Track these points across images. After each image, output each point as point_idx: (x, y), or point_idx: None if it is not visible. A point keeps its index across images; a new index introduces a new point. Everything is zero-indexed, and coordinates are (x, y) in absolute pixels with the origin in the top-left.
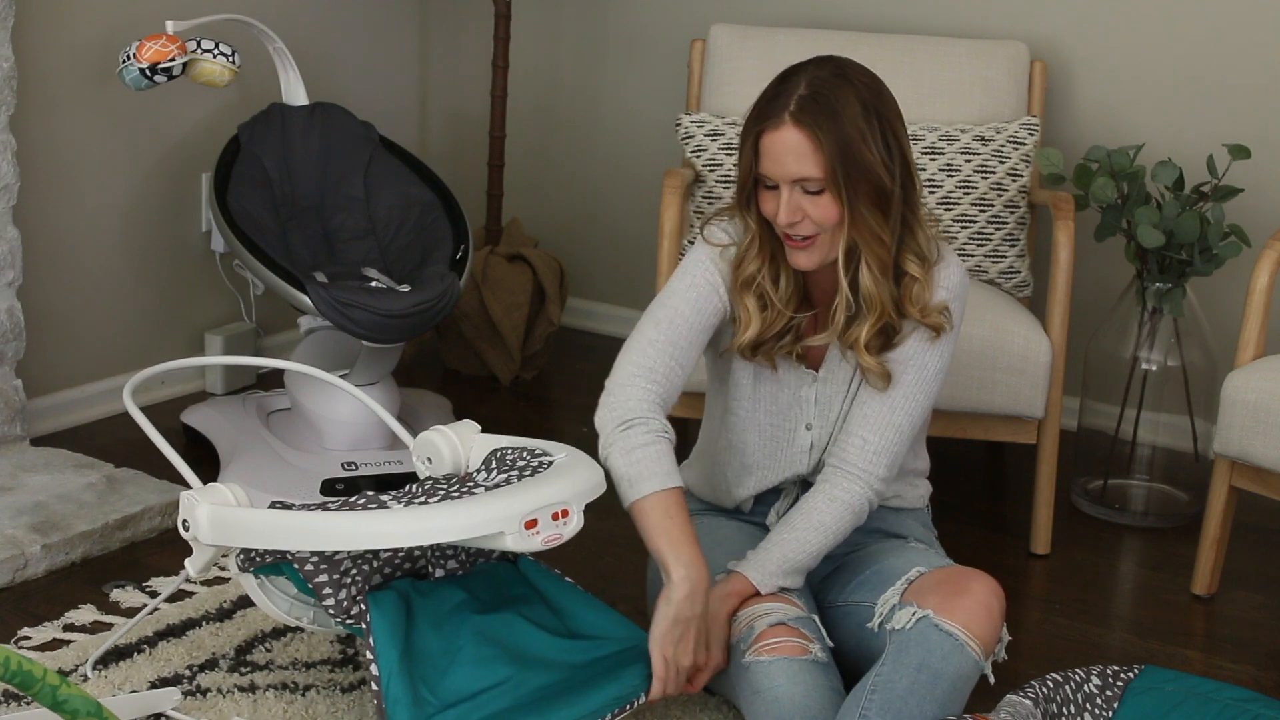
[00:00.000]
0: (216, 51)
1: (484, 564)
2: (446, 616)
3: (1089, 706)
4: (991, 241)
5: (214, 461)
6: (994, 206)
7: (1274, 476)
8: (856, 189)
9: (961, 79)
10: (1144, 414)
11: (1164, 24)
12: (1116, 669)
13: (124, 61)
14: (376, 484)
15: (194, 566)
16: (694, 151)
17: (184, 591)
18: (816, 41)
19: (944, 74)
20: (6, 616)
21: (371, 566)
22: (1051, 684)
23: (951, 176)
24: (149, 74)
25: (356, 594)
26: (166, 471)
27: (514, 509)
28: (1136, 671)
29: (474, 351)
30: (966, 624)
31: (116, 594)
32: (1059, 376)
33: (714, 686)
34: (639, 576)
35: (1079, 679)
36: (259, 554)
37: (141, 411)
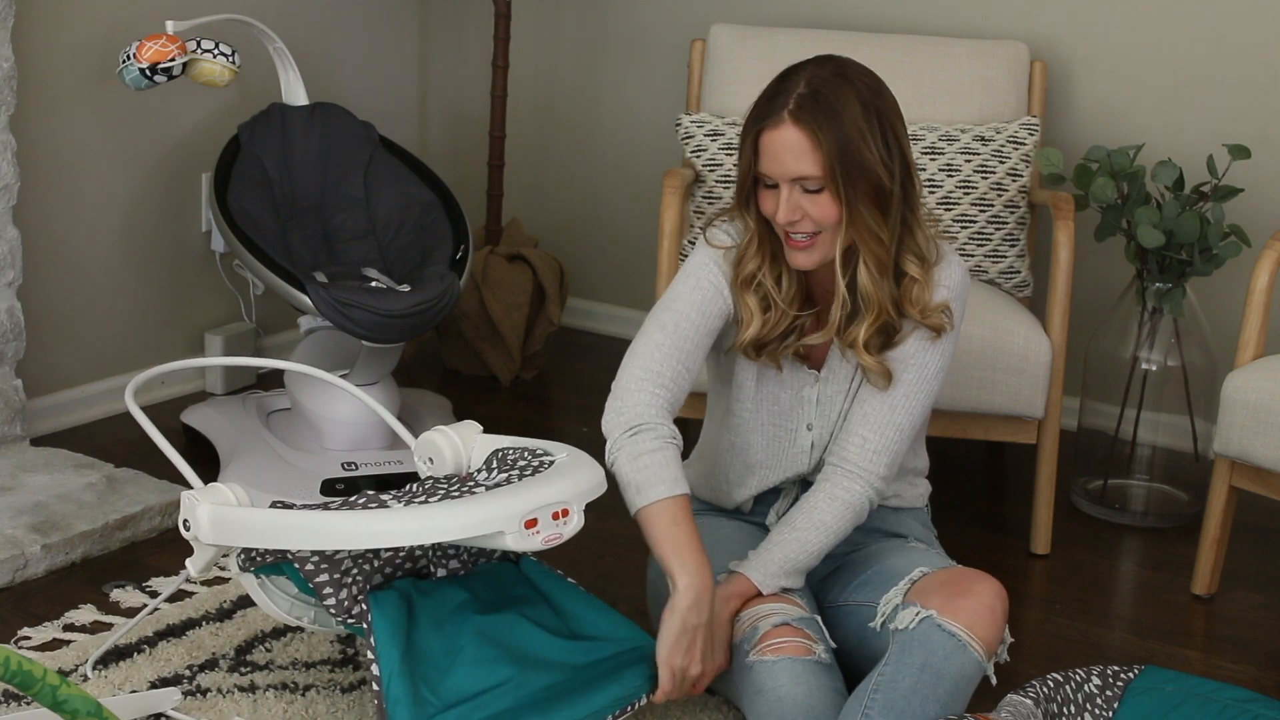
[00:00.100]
0: (216, 51)
1: (485, 564)
2: (448, 616)
3: (1089, 706)
4: (991, 241)
5: (214, 461)
6: (994, 206)
7: (1274, 476)
8: (855, 188)
9: (961, 79)
10: (1144, 414)
11: (1164, 24)
12: (1117, 669)
13: (124, 61)
14: (376, 484)
15: (195, 566)
16: (694, 151)
17: (184, 591)
18: (816, 41)
19: (944, 74)
20: (6, 616)
21: (372, 566)
22: (1052, 684)
23: (951, 176)
24: (149, 74)
25: (358, 594)
26: (166, 471)
27: (514, 508)
28: (1136, 672)
29: (474, 351)
30: (970, 625)
31: (116, 594)
32: (1059, 376)
33: (715, 686)
34: (639, 576)
35: (1079, 679)
36: (260, 554)
37: (142, 412)
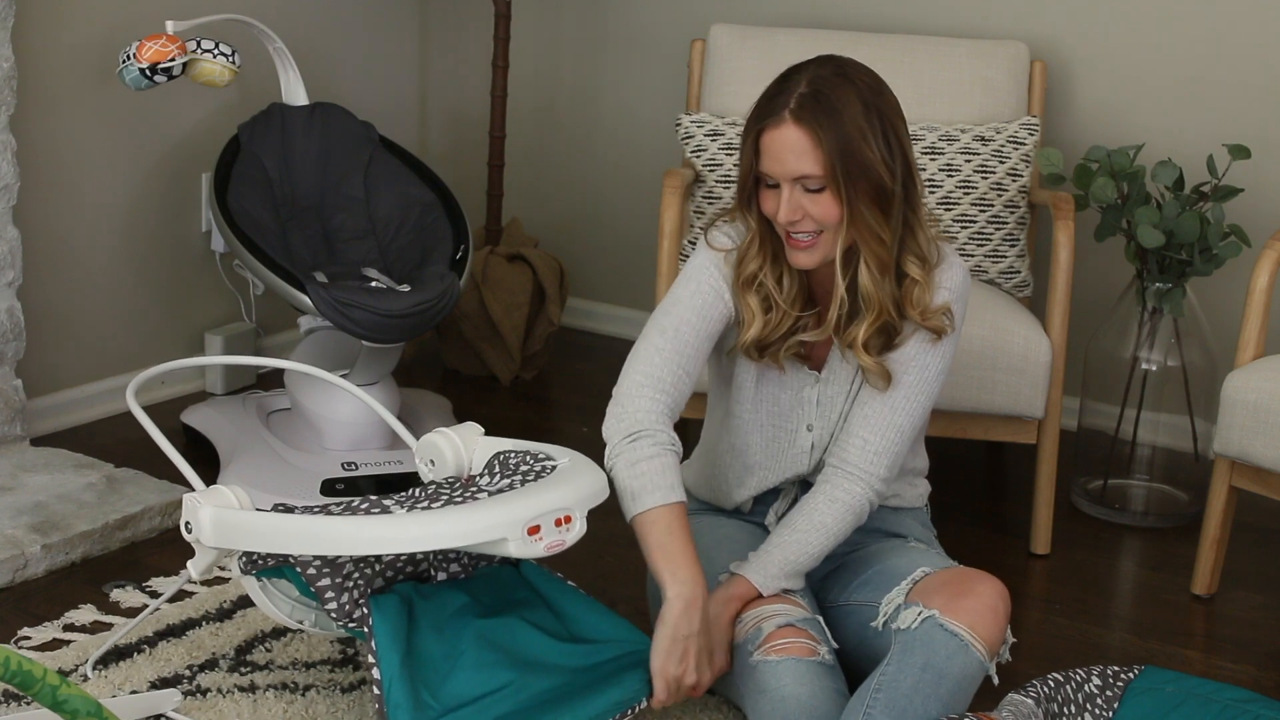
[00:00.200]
0: (216, 51)
1: (486, 567)
2: (448, 620)
3: (1089, 706)
4: (991, 241)
5: (214, 461)
6: (994, 206)
7: (1274, 476)
8: (857, 187)
9: (961, 79)
10: (1144, 414)
11: (1164, 24)
12: (1117, 669)
13: (124, 61)
14: (376, 484)
15: (196, 568)
16: (694, 151)
17: (184, 591)
18: (816, 41)
19: (944, 74)
20: (6, 616)
21: (374, 570)
22: (1053, 683)
23: (951, 176)
24: (149, 74)
25: (359, 597)
26: (166, 471)
27: (517, 515)
28: (1137, 672)
29: (474, 351)
30: (972, 625)
31: (116, 594)
32: (1059, 376)
33: (716, 686)
34: (639, 576)
35: (1080, 679)
36: (261, 557)
37: (143, 411)
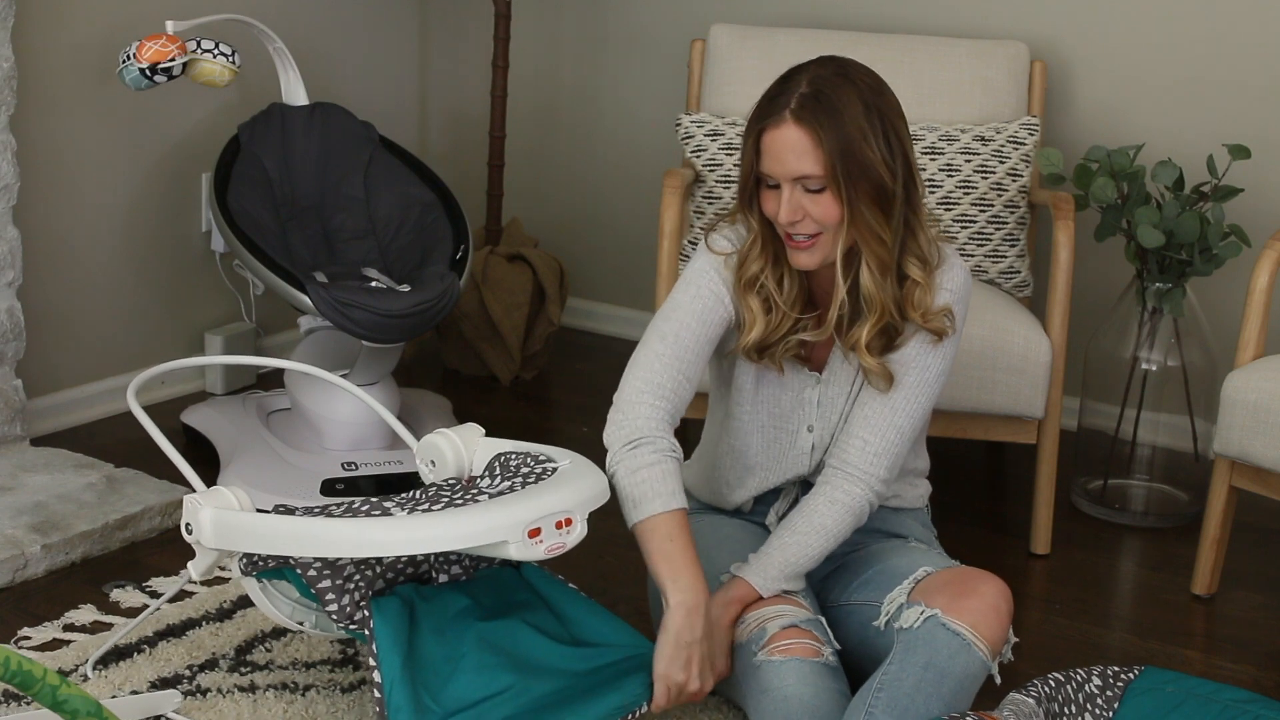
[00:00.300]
0: (216, 51)
1: (487, 569)
2: (449, 623)
3: (1089, 706)
4: (991, 241)
5: (214, 461)
6: (994, 206)
7: (1274, 476)
8: (857, 187)
9: (961, 79)
10: (1144, 414)
11: (1164, 24)
12: (1117, 669)
13: (124, 61)
14: (376, 484)
15: (196, 569)
16: (694, 151)
17: (184, 591)
18: (816, 41)
19: (944, 74)
20: (6, 616)
21: (374, 572)
22: (1053, 683)
23: (951, 176)
24: (149, 74)
25: (359, 599)
26: (166, 471)
27: (517, 517)
28: (1137, 672)
29: (474, 351)
30: (974, 624)
31: (116, 594)
32: (1059, 376)
33: (716, 686)
34: (639, 577)
35: (1080, 679)
36: (262, 558)
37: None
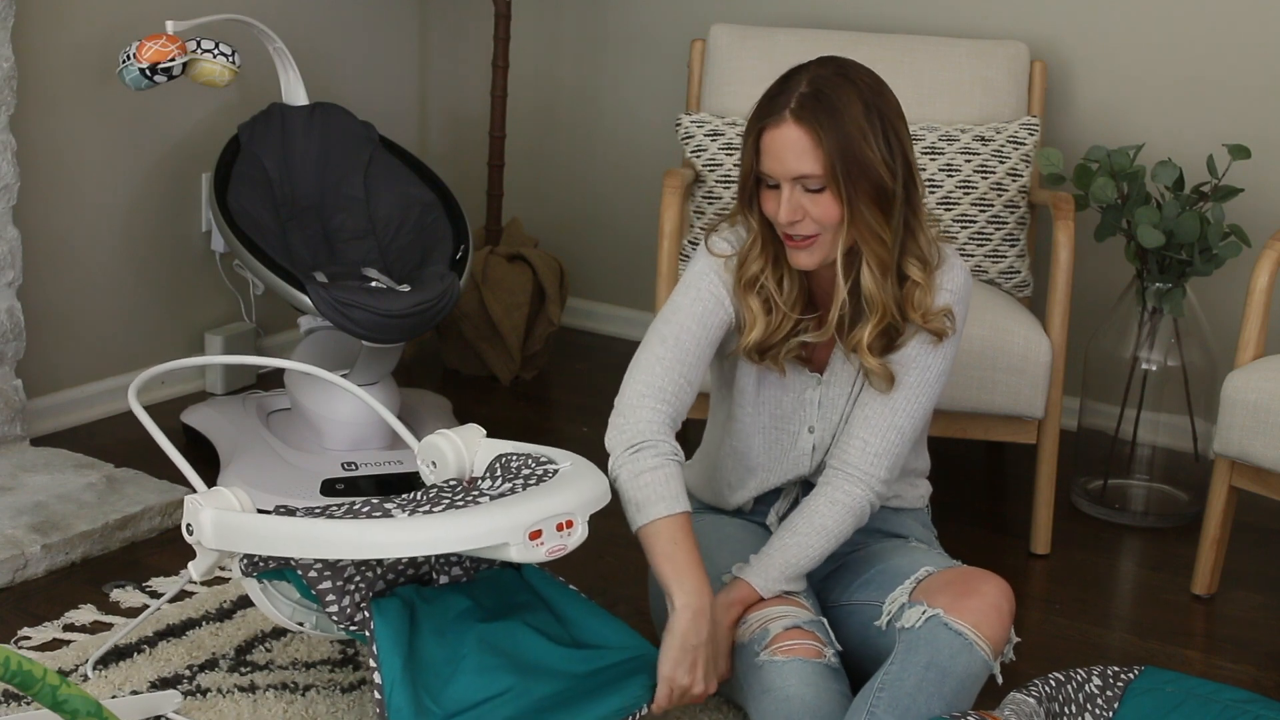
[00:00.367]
0: (216, 51)
1: (488, 570)
2: (450, 624)
3: (1090, 706)
4: (991, 241)
5: (214, 461)
6: (994, 206)
7: (1274, 476)
8: (857, 187)
9: (961, 79)
10: (1144, 414)
11: (1164, 24)
12: (1117, 669)
13: (124, 61)
14: (376, 484)
15: (197, 570)
16: (694, 151)
17: (184, 591)
18: (816, 41)
19: (944, 74)
20: (6, 616)
21: (375, 573)
22: (1054, 683)
23: (951, 176)
24: (149, 74)
25: (360, 601)
26: (167, 471)
27: (518, 520)
28: (1137, 672)
29: (474, 351)
30: (976, 624)
31: (116, 594)
32: (1059, 376)
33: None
34: (639, 576)
35: (1080, 679)
36: (262, 559)
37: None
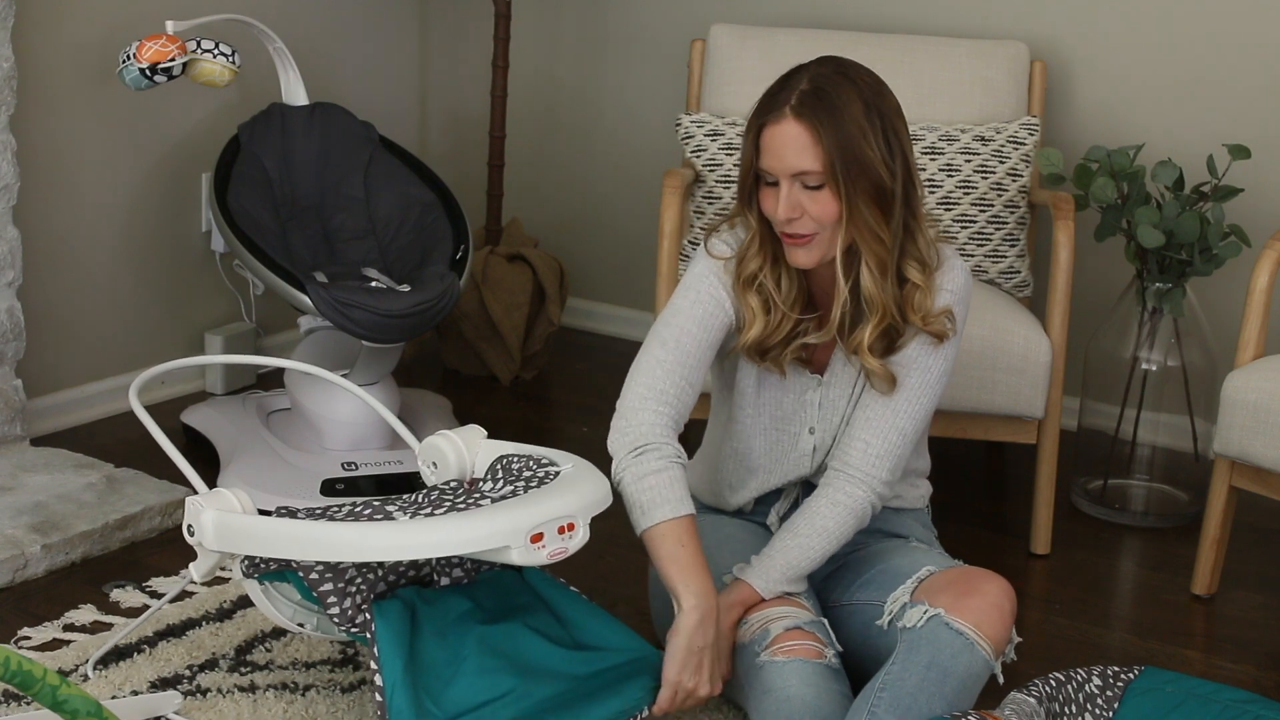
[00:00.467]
0: (216, 51)
1: (489, 572)
2: (451, 626)
3: (1090, 706)
4: (991, 241)
5: (214, 461)
6: (994, 206)
7: (1274, 476)
8: (856, 185)
9: (961, 79)
10: (1144, 414)
11: (1164, 24)
12: (1117, 669)
13: (124, 61)
14: (376, 484)
15: (198, 571)
16: (694, 151)
17: (184, 592)
18: (816, 41)
19: (944, 74)
20: (6, 616)
21: (376, 575)
22: (1054, 683)
23: (951, 176)
24: (149, 74)
25: (361, 603)
26: (167, 471)
27: (520, 523)
28: (1137, 672)
29: (474, 351)
30: (977, 624)
31: (116, 594)
32: (1059, 376)
33: None
34: (639, 576)
35: (1080, 679)
36: (263, 560)
37: (146, 412)
